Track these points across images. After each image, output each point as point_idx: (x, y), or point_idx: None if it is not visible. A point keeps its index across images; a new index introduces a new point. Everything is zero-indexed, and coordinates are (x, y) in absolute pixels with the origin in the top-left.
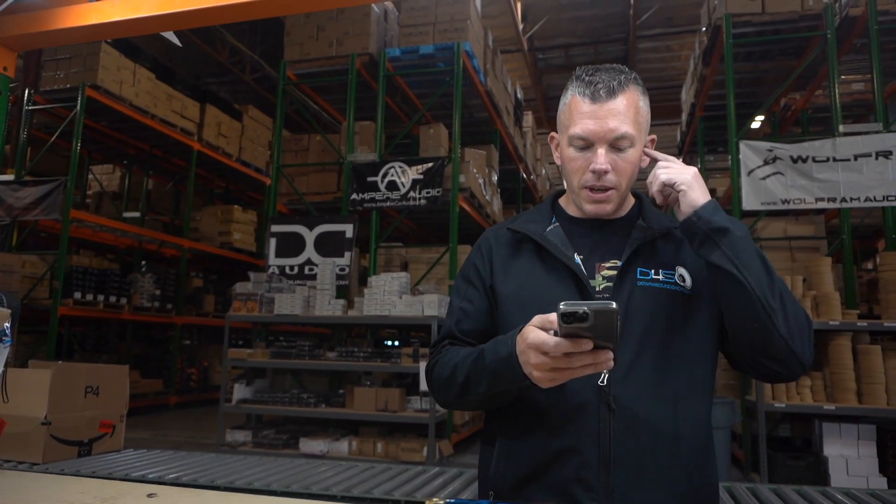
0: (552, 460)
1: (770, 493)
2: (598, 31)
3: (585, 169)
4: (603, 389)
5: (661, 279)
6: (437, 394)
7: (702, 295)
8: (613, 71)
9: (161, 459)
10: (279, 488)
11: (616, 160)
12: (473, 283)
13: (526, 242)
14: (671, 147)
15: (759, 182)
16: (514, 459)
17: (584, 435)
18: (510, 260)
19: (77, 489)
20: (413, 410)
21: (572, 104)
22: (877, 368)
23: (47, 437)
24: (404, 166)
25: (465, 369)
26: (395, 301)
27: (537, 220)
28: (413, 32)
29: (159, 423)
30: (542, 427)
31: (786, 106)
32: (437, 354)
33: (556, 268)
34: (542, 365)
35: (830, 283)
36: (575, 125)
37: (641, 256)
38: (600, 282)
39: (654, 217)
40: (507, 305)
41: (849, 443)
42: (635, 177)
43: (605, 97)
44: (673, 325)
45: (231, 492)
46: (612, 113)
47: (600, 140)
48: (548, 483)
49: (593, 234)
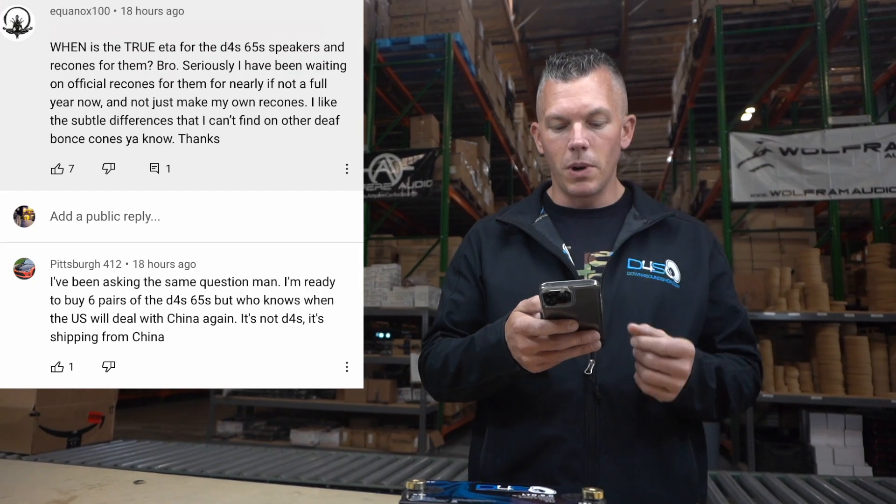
0: (539, 449)
1: (755, 481)
2: (589, 23)
3: (565, 148)
4: (589, 379)
5: (652, 270)
6: (430, 385)
7: (689, 291)
8: (583, 52)
9: (151, 450)
10: (268, 477)
11: (594, 136)
12: (464, 274)
13: (515, 233)
14: (661, 139)
15: (748, 174)
16: (502, 448)
17: (570, 423)
18: (499, 251)
19: (64, 476)
20: (404, 402)
21: (546, 88)
22: (863, 359)
23: (36, 428)
24: (395, 158)
25: (456, 359)
26: (386, 293)
27: (526, 212)
28: (404, 23)
29: (150, 415)
30: (530, 416)
31: (776, 98)
32: (428, 346)
33: (545, 258)
34: (530, 349)
35: (819, 274)
36: (550, 106)
37: (633, 247)
38: (589, 271)
39: (647, 206)
40: (496, 296)
41: (835, 432)
42: (616, 154)
43: (577, 75)
44: (660, 317)
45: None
46: (584, 89)
47: (575, 116)
48: (534, 471)
49: (582, 223)
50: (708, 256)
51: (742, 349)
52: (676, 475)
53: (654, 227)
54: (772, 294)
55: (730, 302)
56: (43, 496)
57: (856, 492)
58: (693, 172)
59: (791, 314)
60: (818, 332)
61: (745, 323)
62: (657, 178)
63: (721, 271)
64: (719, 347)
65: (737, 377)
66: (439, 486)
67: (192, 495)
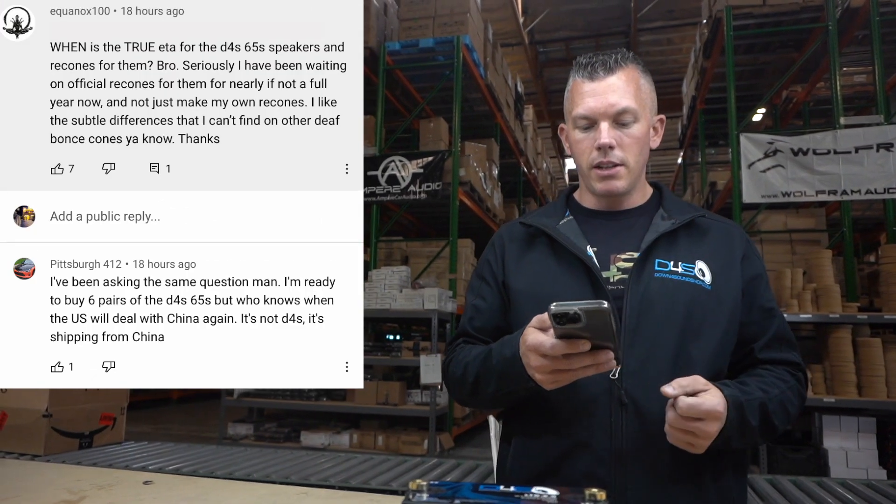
0: (564, 456)
1: (766, 484)
2: (598, 24)
3: (592, 148)
4: (615, 383)
5: (681, 271)
6: (453, 392)
7: (721, 292)
8: (611, 52)
9: (161, 451)
10: (277, 478)
11: (621, 136)
12: (487, 280)
13: (539, 236)
14: (672, 140)
15: (759, 175)
16: (528, 456)
17: (595, 430)
18: (522, 255)
19: (74, 477)
20: (413, 404)
21: (573, 88)
22: (877, 361)
23: (48, 430)
24: (404, 160)
25: (475, 369)
26: (396, 295)
27: (551, 214)
28: (413, 26)
29: (161, 416)
30: (555, 423)
31: (787, 98)
32: (451, 353)
33: (569, 260)
34: (543, 367)
35: (831, 275)
36: (577, 106)
37: (661, 247)
38: (615, 273)
39: (675, 206)
40: (519, 301)
41: (849, 435)
42: (645, 155)
43: (604, 74)
44: (691, 320)
45: (228, 480)
46: (611, 88)
47: (602, 116)
48: (561, 478)
49: (608, 224)
50: (741, 257)
51: (785, 358)
52: (709, 488)
53: (683, 228)
54: (783, 296)
55: (766, 305)
56: (53, 496)
57: (869, 495)
58: (703, 173)
59: (803, 316)
60: (831, 334)
61: (782, 326)
62: (667, 179)
63: (756, 273)
64: (760, 357)
65: (783, 402)
66: (442, 487)
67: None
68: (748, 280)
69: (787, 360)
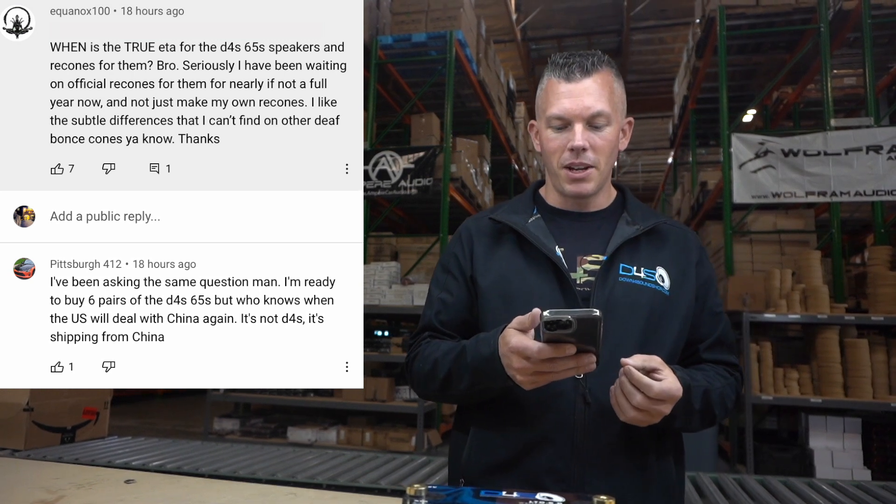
0: (526, 450)
1: (756, 484)
2: (591, 23)
3: (564, 148)
4: (580, 382)
5: (643, 277)
6: (418, 387)
7: (678, 298)
8: (587, 54)
9: (145, 447)
10: (264, 476)
11: (594, 138)
12: (453, 273)
13: (507, 233)
14: (662, 140)
15: (750, 175)
16: (488, 448)
17: (558, 426)
18: (491, 251)
19: (53, 475)
20: (402, 400)
21: (548, 87)
22: (863, 362)
23: (29, 424)
24: (395, 155)
25: (446, 366)
26: (385, 291)
27: (519, 211)
28: (405, 20)
29: (147, 411)
30: (517, 417)
31: (778, 99)
32: (416, 347)
33: (537, 259)
34: (525, 369)
35: (819, 276)
36: (552, 106)
37: (625, 252)
38: (581, 275)
39: (638, 211)
40: (487, 297)
41: (834, 435)
42: (614, 157)
43: (580, 76)
44: (650, 324)
45: (214, 479)
46: (587, 91)
47: (577, 118)
48: (519, 472)
49: (574, 225)
50: (695, 263)
51: (725, 359)
52: (657, 485)
53: (644, 234)
54: (772, 296)
55: (715, 309)
56: (29, 495)
57: (858, 496)
58: (694, 173)
59: (791, 316)
60: (818, 335)
61: (726, 329)
62: (658, 178)
63: (707, 277)
64: (704, 356)
65: (723, 394)
66: (441, 493)
67: (184, 496)
68: (701, 284)
69: (727, 360)
